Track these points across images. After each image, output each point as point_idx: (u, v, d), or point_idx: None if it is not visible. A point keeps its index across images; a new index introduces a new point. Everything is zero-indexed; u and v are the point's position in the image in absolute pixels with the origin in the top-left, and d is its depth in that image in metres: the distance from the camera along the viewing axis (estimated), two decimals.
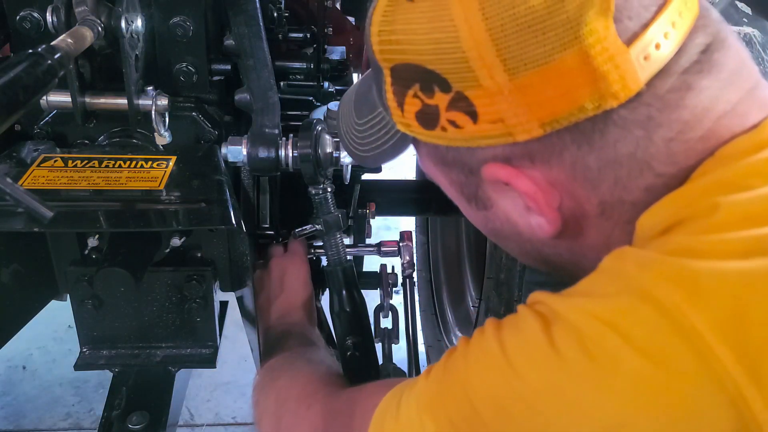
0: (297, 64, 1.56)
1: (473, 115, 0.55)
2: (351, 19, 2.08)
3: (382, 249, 1.25)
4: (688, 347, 0.43)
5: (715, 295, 0.44)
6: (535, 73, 0.51)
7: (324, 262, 1.13)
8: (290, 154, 1.00)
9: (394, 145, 0.66)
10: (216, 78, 1.09)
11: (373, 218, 1.48)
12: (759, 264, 0.45)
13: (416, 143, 0.65)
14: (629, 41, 0.51)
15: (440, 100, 0.56)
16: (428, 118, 0.58)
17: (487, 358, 0.54)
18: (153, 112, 0.96)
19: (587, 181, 0.56)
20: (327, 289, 1.14)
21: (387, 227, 3.07)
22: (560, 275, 0.68)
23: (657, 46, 0.51)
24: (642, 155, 0.54)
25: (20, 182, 0.90)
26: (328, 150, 1.00)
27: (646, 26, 0.51)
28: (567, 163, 0.55)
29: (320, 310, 1.21)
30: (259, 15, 1.05)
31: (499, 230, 0.66)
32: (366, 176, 1.50)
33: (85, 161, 0.96)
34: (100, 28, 0.87)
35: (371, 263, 1.36)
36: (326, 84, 1.60)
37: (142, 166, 0.96)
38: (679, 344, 0.43)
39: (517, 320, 0.54)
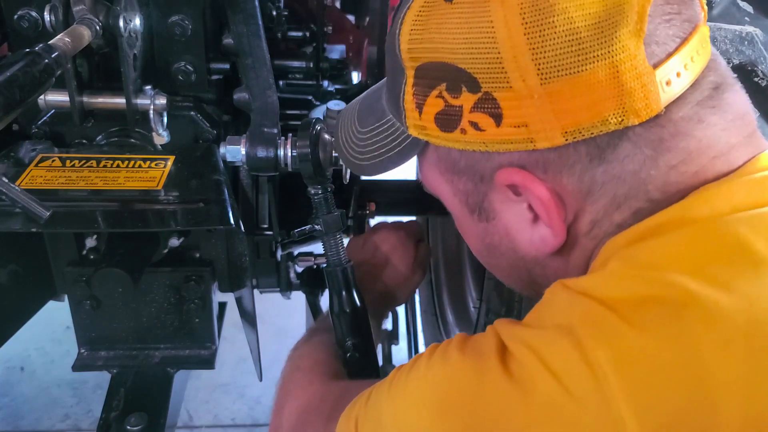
0: (296, 63, 1.56)
1: (498, 118, 0.56)
2: (350, 17, 2.08)
3: None
4: (590, 375, 0.50)
5: (619, 337, 0.51)
6: (566, 80, 0.53)
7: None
8: (289, 154, 0.99)
9: (401, 151, 0.67)
10: (214, 77, 1.08)
11: (373, 218, 1.48)
12: (652, 313, 0.50)
13: (423, 151, 0.65)
14: (655, 65, 0.54)
15: (466, 100, 0.57)
16: (449, 119, 0.59)
17: (455, 366, 0.58)
18: (151, 112, 0.96)
19: (590, 195, 0.58)
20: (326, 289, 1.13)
21: None
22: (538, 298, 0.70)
23: (678, 74, 0.55)
24: (644, 176, 0.56)
25: (18, 182, 0.90)
26: (328, 150, 0.99)
27: (670, 55, 0.54)
28: (576, 176, 0.57)
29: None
30: (258, 14, 1.04)
31: (496, 245, 0.67)
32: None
33: (83, 161, 0.96)
34: (98, 27, 0.86)
35: None
36: (325, 83, 1.60)
37: (140, 166, 0.96)
38: (585, 371, 0.50)
39: (479, 338, 0.59)
